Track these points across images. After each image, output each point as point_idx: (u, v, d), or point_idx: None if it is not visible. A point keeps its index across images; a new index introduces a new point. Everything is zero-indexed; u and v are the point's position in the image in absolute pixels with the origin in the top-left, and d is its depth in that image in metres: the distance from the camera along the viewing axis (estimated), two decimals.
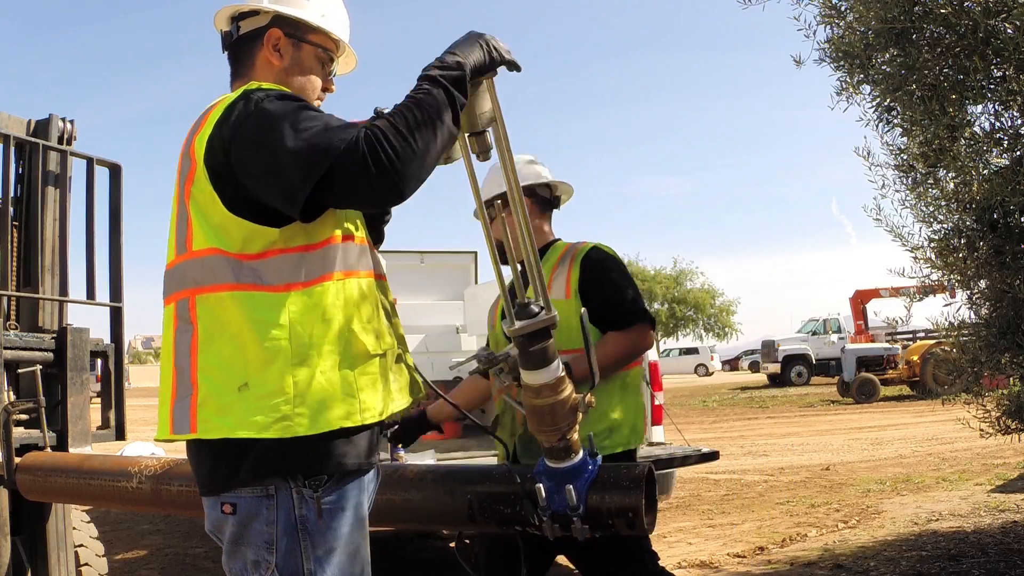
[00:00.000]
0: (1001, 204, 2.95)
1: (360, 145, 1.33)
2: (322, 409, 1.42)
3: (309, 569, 1.41)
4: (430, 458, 4.01)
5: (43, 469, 2.66)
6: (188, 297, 1.45)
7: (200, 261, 1.44)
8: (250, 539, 1.42)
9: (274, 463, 1.40)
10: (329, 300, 1.46)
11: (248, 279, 1.42)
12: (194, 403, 1.42)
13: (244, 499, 1.41)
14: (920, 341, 19.63)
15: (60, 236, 3.38)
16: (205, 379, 1.42)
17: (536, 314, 1.64)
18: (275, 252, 1.43)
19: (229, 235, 1.42)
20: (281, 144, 1.36)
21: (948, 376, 3.88)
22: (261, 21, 1.62)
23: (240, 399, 1.39)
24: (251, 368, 1.40)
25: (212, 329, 1.42)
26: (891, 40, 3.09)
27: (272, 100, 1.44)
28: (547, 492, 1.73)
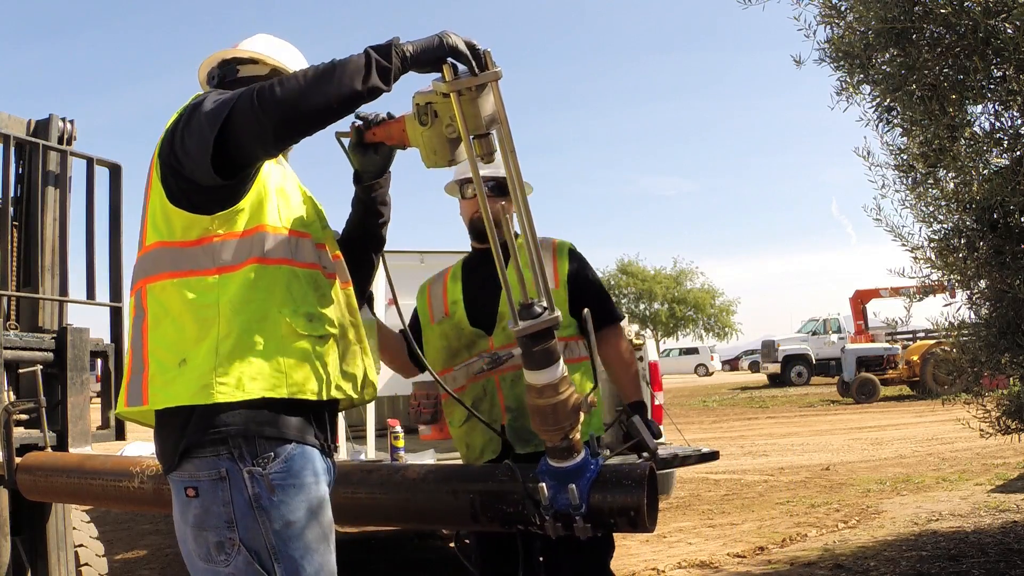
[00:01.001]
0: (1001, 204, 2.95)
1: (252, 90, 1.47)
2: (246, 379, 1.52)
3: (270, 543, 1.49)
4: (430, 458, 4.01)
5: (43, 469, 2.66)
6: (141, 287, 1.61)
7: (149, 254, 1.60)
8: (211, 521, 1.51)
9: (205, 428, 1.50)
10: (257, 282, 1.57)
11: (186, 266, 1.56)
12: (145, 379, 1.57)
13: (203, 483, 1.51)
14: (920, 341, 19.64)
15: (60, 236, 3.38)
16: (154, 358, 1.57)
17: (539, 315, 1.65)
18: (209, 239, 1.56)
19: (171, 226, 1.57)
20: (201, 111, 1.51)
21: (948, 376, 3.89)
22: (261, 71, 1.76)
23: (180, 373, 1.53)
24: (188, 345, 1.54)
25: (158, 313, 1.58)
26: (891, 40, 3.10)
27: (209, 95, 1.57)
28: (550, 491, 1.74)
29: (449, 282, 2.51)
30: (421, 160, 1.69)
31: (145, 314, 1.59)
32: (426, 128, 1.64)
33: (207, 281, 1.55)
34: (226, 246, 1.56)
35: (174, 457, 1.54)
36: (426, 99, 1.63)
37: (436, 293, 2.51)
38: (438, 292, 2.51)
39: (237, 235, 1.57)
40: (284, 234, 1.62)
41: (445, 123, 1.63)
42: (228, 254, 1.56)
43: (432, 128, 1.64)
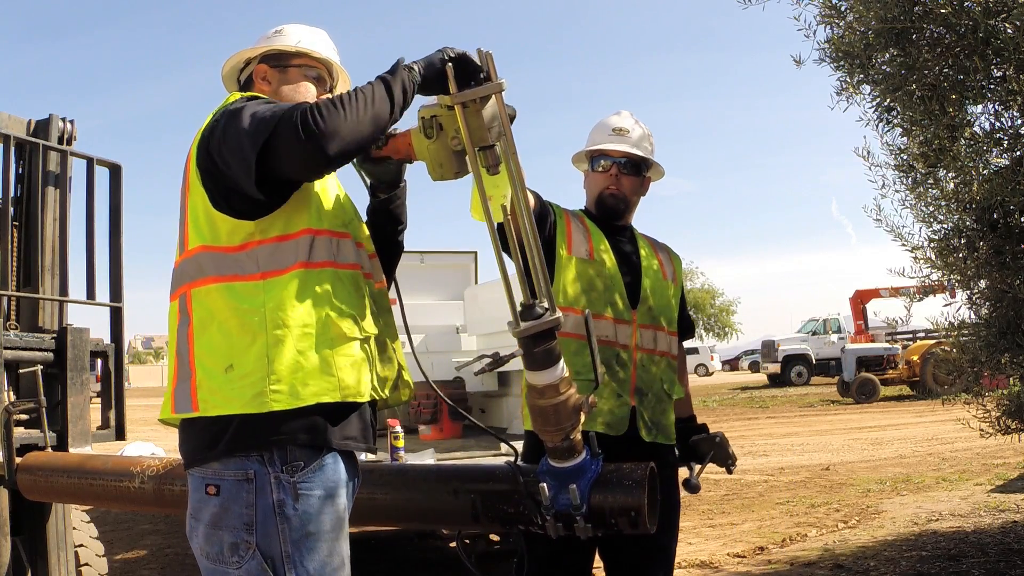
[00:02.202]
0: (1001, 204, 2.95)
1: (295, 114, 1.47)
2: (299, 385, 1.52)
3: (286, 552, 1.48)
4: (430, 458, 4.01)
5: (44, 469, 2.66)
6: (185, 292, 1.60)
7: (194, 259, 1.59)
8: (229, 522, 1.49)
9: (250, 436, 1.50)
10: (304, 286, 1.57)
11: (230, 270, 1.56)
12: (194, 386, 1.55)
13: (227, 481, 1.50)
14: (920, 341, 19.64)
15: (60, 236, 3.38)
16: (200, 364, 1.55)
17: (541, 315, 1.65)
18: (254, 243, 1.56)
19: (214, 230, 1.57)
20: (240, 127, 1.51)
21: (948, 376, 3.89)
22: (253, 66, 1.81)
23: (227, 380, 1.52)
24: (235, 351, 1.53)
25: (204, 318, 1.56)
26: (891, 40, 3.09)
27: (243, 101, 1.60)
28: (551, 491, 1.73)
29: (590, 225, 2.35)
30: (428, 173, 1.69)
31: (190, 319, 1.58)
32: (432, 141, 1.65)
33: (253, 286, 1.55)
34: (270, 250, 1.56)
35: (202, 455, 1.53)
36: (431, 112, 1.65)
37: (576, 224, 2.33)
38: (578, 225, 2.34)
39: (281, 239, 1.57)
40: (327, 236, 1.63)
41: (450, 136, 1.64)
42: (273, 259, 1.56)
43: (438, 141, 1.65)
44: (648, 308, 2.31)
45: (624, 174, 2.35)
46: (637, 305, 2.30)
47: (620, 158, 2.34)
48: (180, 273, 1.62)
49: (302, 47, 1.79)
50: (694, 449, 2.39)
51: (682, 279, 2.53)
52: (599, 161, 2.37)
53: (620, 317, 2.26)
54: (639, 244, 2.42)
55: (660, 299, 2.35)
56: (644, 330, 2.29)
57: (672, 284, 2.43)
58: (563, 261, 2.27)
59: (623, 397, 2.22)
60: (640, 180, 2.40)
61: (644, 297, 2.31)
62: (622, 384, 2.22)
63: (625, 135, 2.37)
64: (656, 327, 2.32)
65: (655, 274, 2.38)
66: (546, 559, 2.13)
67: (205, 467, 1.53)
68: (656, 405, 2.28)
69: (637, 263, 2.36)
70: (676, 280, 2.47)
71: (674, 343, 2.40)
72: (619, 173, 2.34)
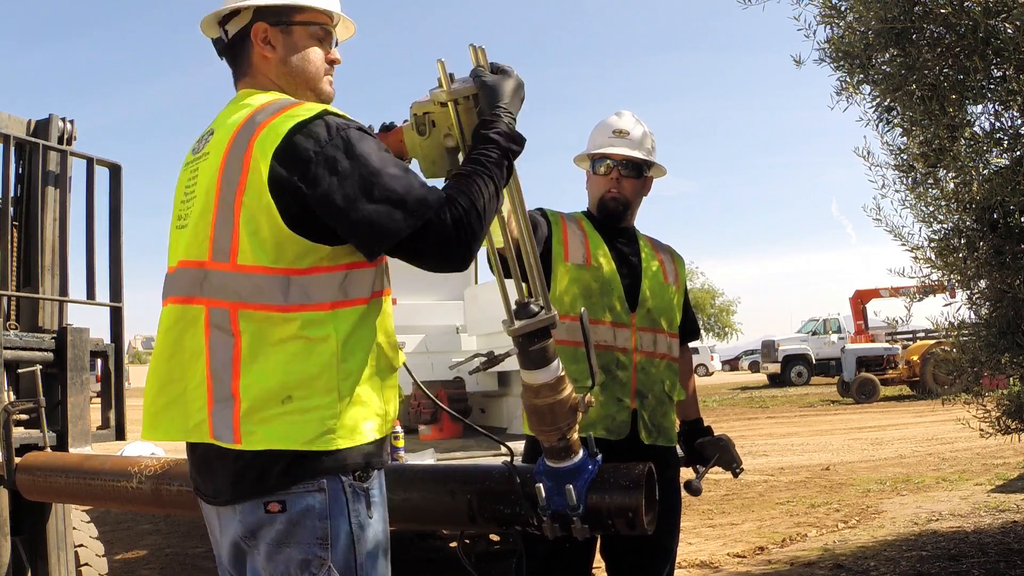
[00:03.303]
0: (1001, 204, 2.95)
1: (447, 217, 1.39)
2: (359, 423, 1.46)
3: (362, 564, 1.43)
4: (430, 457, 4.01)
5: (43, 469, 2.66)
6: (228, 309, 1.44)
7: (248, 277, 1.43)
8: (299, 538, 1.40)
9: (306, 470, 1.41)
10: (368, 318, 1.50)
11: (296, 298, 1.42)
12: (237, 414, 1.41)
13: (294, 496, 1.40)
14: (920, 341, 19.63)
15: (60, 236, 3.38)
16: (248, 392, 1.41)
17: (536, 314, 1.64)
18: (322, 269, 1.44)
19: (281, 251, 1.42)
20: (375, 188, 1.39)
21: (948, 376, 3.88)
22: (244, 19, 1.59)
23: (283, 412, 1.40)
24: (295, 382, 1.41)
25: (256, 344, 1.42)
26: (891, 40, 3.09)
27: (353, 131, 1.45)
28: (547, 492, 1.73)
29: (587, 229, 2.35)
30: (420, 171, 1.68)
31: (236, 340, 1.42)
32: (424, 138, 1.62)
33: (322, 316, 1.43)
34: (340, 279, 1.46)
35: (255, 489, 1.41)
36: (423, 109, 1.61)
37: (573, 230, 2.33)
38: (576, 231, 2.33)
39: (352, 267, 1.47)
40: (384, 263, 1.55)
41: (443, 133, 1.61)
42: (342, 288, 1.46)
43: (430, 138, 1.62)
44: (647, 311, 2.30)
45: (625, 176, 2.35)
46: (636, 308, 2.29)
47: (621, 161, 2.34)
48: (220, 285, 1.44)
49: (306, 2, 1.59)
50: (699, 452, 2.39)
51: (685, 281, 2.51)
52: (600, 164, 2.37)
53: (619, 320, 2.25)
54: (640, 245, 2.41)
55: (660, 301, 2.35)
56: (643, 333, 2.28)
57: (673, 286, 2.42)
58: (559, 270, 2.27)
59: (623, 401, 2.21)
60: (642, 181, 2.40)
61: (643, 299, 2.30)
62: (623, 388, 2.22)
63: (625, 137, 2.36)
64: (656, 330, 2.31)
65: (655, 276, 2.37)
66: (545, 559, 2.13)
67: None
68: (657, 408, 2.27)
69: (637, 265, 2.35)
70: (678, 282, 2.46)
71: (674, 345, 2.39)
72: (620, 176, 2.34)
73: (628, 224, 2.43)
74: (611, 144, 2.36)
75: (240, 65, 1.64)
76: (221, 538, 1.52)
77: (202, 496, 1.54)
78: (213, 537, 1.57)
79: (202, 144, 1.56)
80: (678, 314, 2.42)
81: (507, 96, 1.56)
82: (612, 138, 2.37)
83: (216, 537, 1.55)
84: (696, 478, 2.32)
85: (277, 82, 1.60)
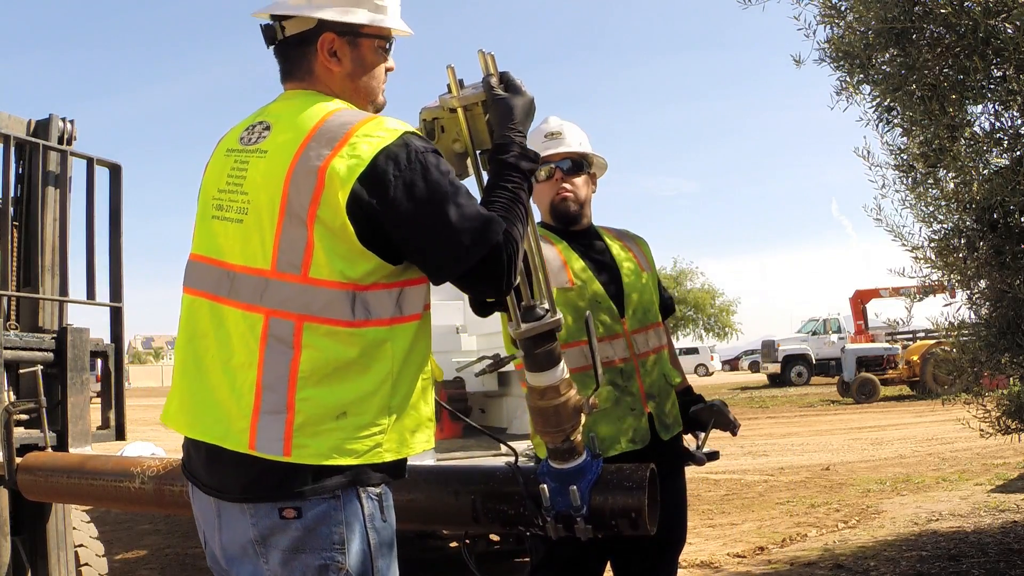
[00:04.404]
0: (1001, 204, 2.95)
1: (504, 249, 1.43)
2: (408, 437, 1.49)
3: (378, 568, 1.44)
4: (430, 458, 4.01)
5: (44, 469, 2.66)
6: (294, 321, 1.42)
7: (320, 291, 1.42)
8: (316, 543, 1.39)
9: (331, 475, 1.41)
10: (421, 334, 1.52)
11: (361, 314, 1.43)
12: (289, 427, 1.39)
13: (309, 502, 1.39)
14: (920, 341, 19.64)
15: (60, 236, 3.38)
16: (305, 406, 1.40)
17: (541, 317, 1.65)
18: (383, 285, 1.46)
19: (353, 266, 1.43)
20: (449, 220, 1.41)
21: (948, 376, 3.88)
22: (308, 23, 1.55)
23: (337, 427, 1.40)
24: (351, 399, 1.42)
25: (318, 358, 1.41)
26: (891, 40, 3.09)
27: (431, 156, 1.46)
28: (551, 492, 1.73)
29: (559, 245, 2.31)
30: None
31: (295, 353, 1.41)
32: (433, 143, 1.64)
33: (381, 332, 1.45)
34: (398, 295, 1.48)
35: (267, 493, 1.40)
36: (433, 115, 1.63)
37: (549, 255, 2.26)
38: (552, 255, 2.27)
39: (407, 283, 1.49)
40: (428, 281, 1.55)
41: (452, 138, 1.63)
42: (399, 305, 1.48)
43: (439, 143, 1.63)
44: (633, 311, 2.29)
45: (569, 175, 2.33)
46: (624, 313, 2.27)
47: (561, 161, 2.33)
48: (286, 296, 1.42)
49: (381, 22, 1.58)
50: (695, 420, 2.38)
51: (653, 261, 2.49)
52: (540, 169, 2.32)
53: (611, 332, 2.23)
54: (607, 243, 2.39)
55: (642, 296, 2.32)
56: (636, 335, 2.27)
57: (647, 272, 2.40)
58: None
59: (637, 409, 2.21)
60: (585, 178, 2.38)
61: (628, 302, 2.28)
62: (634, 397, 2.21)
63: (559, 137, 2.36)
64: (646, 327, 2.30)
65: (632, 271, 2.34)
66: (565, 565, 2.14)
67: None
68: (665, 400, 2.29)
69: (613, 267, 2.32)
70: (650, 266, 2.44)
71: (663, 332, 2.38)
72: (564, 176, 2.32)
73: (586, 224, 2.40)
74: (547, 147, 2.34)
75: (297, 67, 1.59)
76: (219, 532, 1.47)
77: (202, 487, 1.50)
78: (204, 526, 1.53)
79: (255, 137, 1.52)
80: (655, 298, 2.39)
81: (519, 116, 1.57)
82: (547, 141, 2.36)
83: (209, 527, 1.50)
84: (697, 447, 2.32)
85: (339, 94, 1.58)
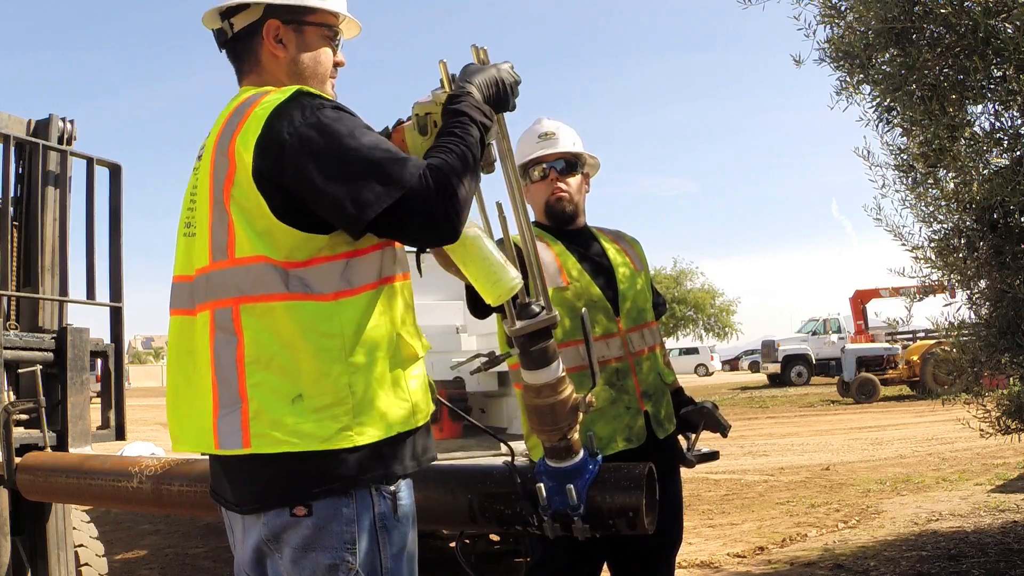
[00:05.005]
0: (1001, 204, 2.95)
1: (429, 185, 1.34)
2: (382, 416, 1.41)
3: (388, 568, 1.41)
4: None
5: (43, 469, 2.66)
6: (231, 306, 1.40)
7: (247, 269, 1.39)
8: (326, 542, 1.37)
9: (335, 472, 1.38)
10: (378, 306, 1.45)
11: (297, 288, 1.38)
12: (245, 417, 1.37)
13: (320, 501, 1.38)
14: (920, 341, 19.62)
15: (60, 236, 3.38)
16: (256, 392, 1.37)
17: (537, 314, 1.64)
18: (321, 260, 1.40)
19: (276, 242, 1.38)
20: (349, 162, 1.35)
21: (948, 376, 3.89)
22: (254, 15, 1.56)
23: (294, 411, 1.36)
24: (305, 379, 1.37)
25: (261, 340, 1.38)
26: (891, 40, 3.09)
27: (328, 111, 1.41)
28: (548, 492, 1.73)
29: (553, 245, 2.31)
30: None
31: (239, 339, 1.38)
32: (426, 139, 1.61)
33: (326, 307, 1.39)
34: (342, 267, 1.42)
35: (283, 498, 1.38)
36: (426, 109, 1.61)
37: (546, 257, 2.26)
38: (549, 257, 2.27)
39: (353, 255, 1.43)
40: (392, 247, 1.50)
41: None
42: (345, 277, 1.41)
43: (432, 138, 1.61)
44: (627, 310, 2.30)
45: (562, 175, 2.35)
46: (619, 312, 2.28)
47: (555, 161, 2.35)
48: (218, 282, 1.41)
49: (319, 3, 1.57)
50: (686, 421, 2.38)
51: (646, 261, 2.50)
52: (534, 169, 2.37)
53: (607, 332, 2.25)
54: (603, 243, 2.40)
55: (637, 295, 2.35)
56: (631, 334, 2.29)
57: (641, 273, 2.42)
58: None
59: (633, 408, 2.22)
60: (579, 177, 2.40)
61: (623, 301, 2.30)
62: (630, 396, 2.22)
63: (552, 138, 2.37)
64: (641, 325, 2.32)
65: (627, 271, 2.36)
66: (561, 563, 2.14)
67: None
68: (661, 399, 2.30)
69: (608, 267, 2.34)
70: (643, 265, 2.46)
71: (656, 332, 2.40)
72: (557, 176, 2.34)
73: (580, 224, 2.42)
74: (540, 148, 2.36)
75: (246, 61, 1.60)
76: (243, 543, 1.48)
77: (224, 503, 1.51)
78: (233, 539, 1.54)
79: (201, 148, 1.55)
80: (649, 297, 2.42)
81: (480, 77, 1.54)
82: (539, 142, 2.38)
83: (237, 539, 1.52)
84: (688, 449, 2.31)
85: (284, 81, 1.57)
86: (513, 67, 1.61)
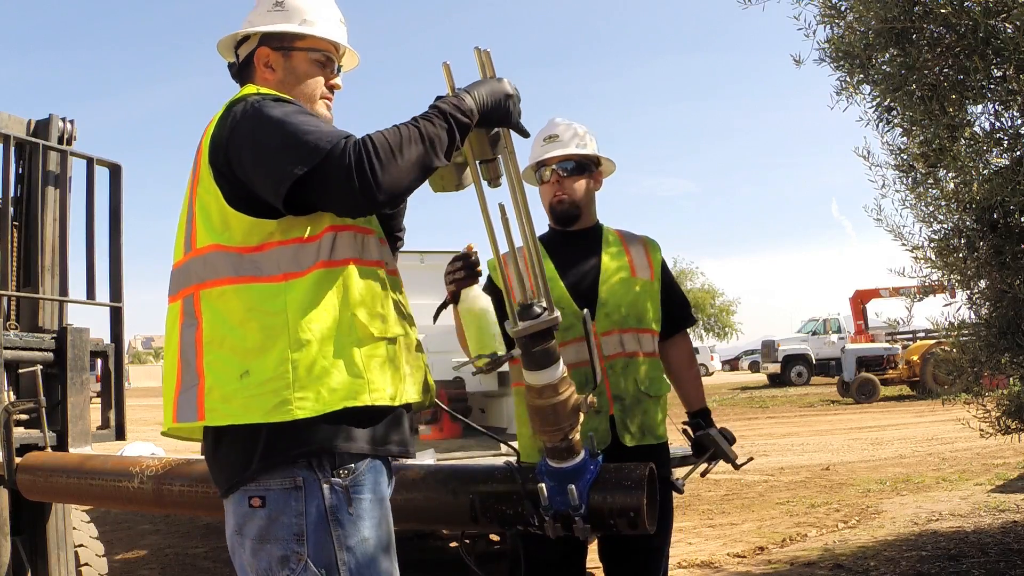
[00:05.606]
0: (1001, 204, 2.95)
1: (347, 152, 1.40)
2: (325, 390, 1.44)
3: (342, 559, 1.43)
4: (430, 458, 4.01)
5: (43, 469, 2.66)
6: (193, 293, 1.51)
7: (203, 258, 1.50)
8: (277, 534, 1.42)
9: (283, 447, 1.43)
10: (329, 287, 1.49)
11: (248, 271, 1.47)
12: (201, 393, 1.46)
13: (273, 492, 1.43)
14: (920, 341, 19.63)
15: (60, 236, 3.38)
16: (211, 370, 1.46)
17: (539, 315, 1.65)
18: (273, 244, 1.48)
19: (229, 230, 1.48)
20: (272, 139, 1.44)
21: (948, 376, 3.88)
22: (252, 45, 1.69)
23: (242, 386, 1.43)
24: (251, 356, 1.44)
25: (215, 321, 1.47)
26: (891, 40, 3.09)
27: (268, 102, 1.51)
28: (549, 492, 1.73)
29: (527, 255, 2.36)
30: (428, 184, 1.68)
31: (199, 322, 1.48)
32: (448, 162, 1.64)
33: (273, 287, 1.46)
34: (292, 251, 1.48)
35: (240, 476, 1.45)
36: None
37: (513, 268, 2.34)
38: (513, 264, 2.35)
39: (304, 240, 1.48)
40: (351, 231, 1.54)
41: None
42: (295, 259, 1.47)
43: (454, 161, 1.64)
44: (606, 314, 2.25)
45: (567, 177, 2.33)
46: (594, 315, 2.23)
47: (561, 163, 2.34)
48: (185, 272, 1.53)
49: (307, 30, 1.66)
50: (699, 445, 2.38)
51: (660, 267, 2.42)
52: (541, 172, 2.38)
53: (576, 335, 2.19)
54: (605, 244, 2.37)
55: (622, 299, 2.29)
56: (606, 337, 2.24)
57: (643, 278, 2.35)
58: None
59: (603, 412, 2.19)
60: (587, 178, 2.37)
61: (601, 302, 2.26)
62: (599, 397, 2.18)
63: (558, 140, 2.37)
64: (621, 330, 2.26)
65: (615, 274, 2.32)
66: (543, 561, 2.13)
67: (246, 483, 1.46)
68: (635, 407, 2.23)
69: (592, 267, 2.31)
70: (652, 272, 2.37)
71: (647, 339, 2.31)
72: (561, 179, 2.33)
73: (586, 225, 2.39)
74: (546, 150, 2.36)
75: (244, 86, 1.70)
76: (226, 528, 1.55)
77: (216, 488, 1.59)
78: None
79: None
80: (651, 306, 2.34)
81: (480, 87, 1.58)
82: (546, 145, 2.37)
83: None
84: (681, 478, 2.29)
85: None
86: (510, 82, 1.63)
